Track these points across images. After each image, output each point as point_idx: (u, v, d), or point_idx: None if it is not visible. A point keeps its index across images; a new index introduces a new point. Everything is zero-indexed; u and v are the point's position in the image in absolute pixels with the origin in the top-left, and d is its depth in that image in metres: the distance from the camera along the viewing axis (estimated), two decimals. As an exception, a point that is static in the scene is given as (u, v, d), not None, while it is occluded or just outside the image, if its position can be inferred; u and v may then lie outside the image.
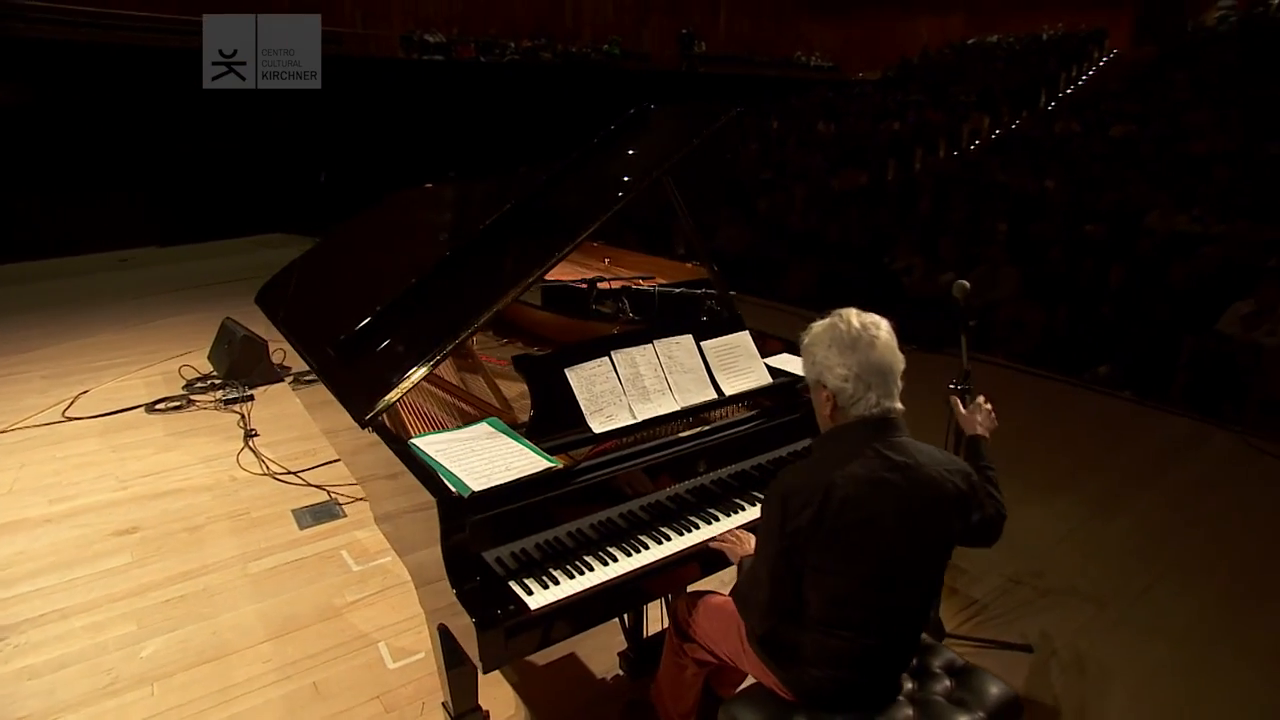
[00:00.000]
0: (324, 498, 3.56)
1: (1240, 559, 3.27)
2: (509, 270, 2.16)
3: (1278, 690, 2.48)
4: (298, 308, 2.93)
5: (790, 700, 1.58)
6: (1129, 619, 2.83)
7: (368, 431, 1.92)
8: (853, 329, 1.48)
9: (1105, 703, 2.39)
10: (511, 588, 1.66)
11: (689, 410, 2.14)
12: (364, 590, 2.87)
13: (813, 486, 1.40)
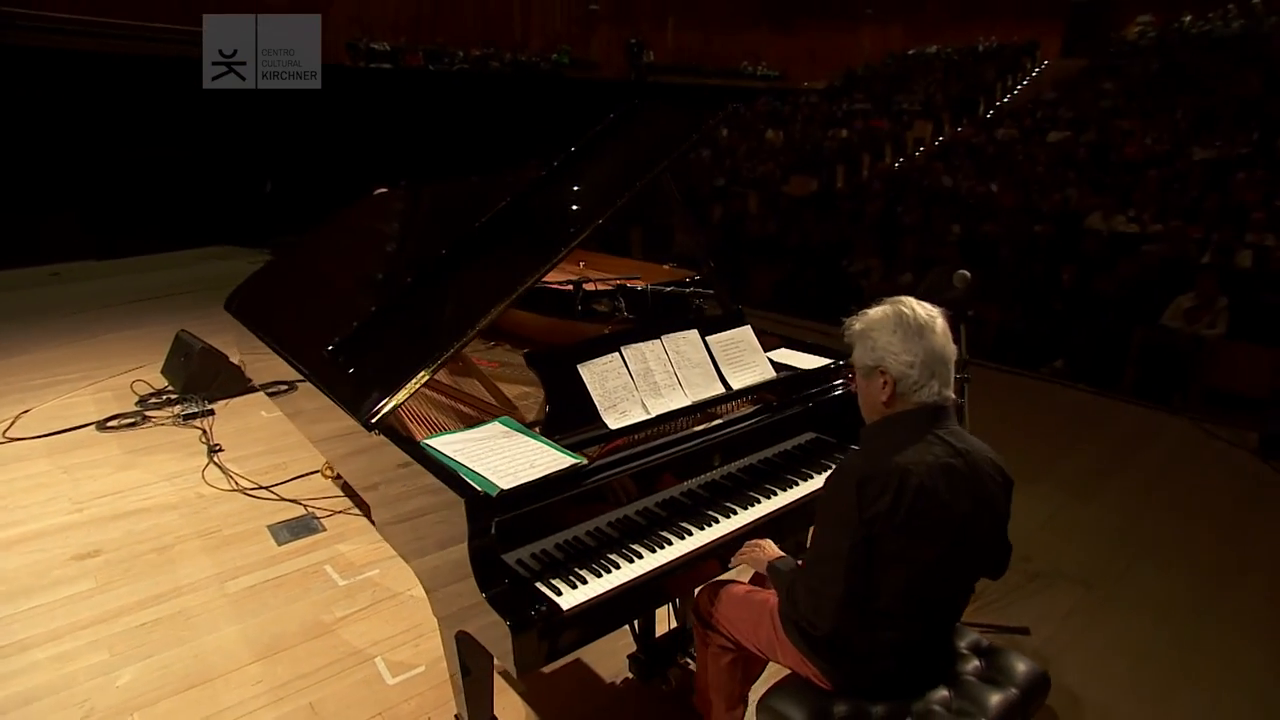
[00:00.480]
0: (300, 512, 3.42)
1: (1209, 535, 3.41)
2: (512, 269, 2.10)
3: (1264, 656, 2.58)
4: (279, 312, 2.81)
5: (829, 690, 1.57)
6: (1115, 597, 2.92)
7: (374, 435, 1.85)
8: (918, 316, 1.46)
9: (1104, 680, 2.45)
10: (539, 589, 1.60)
11: (699, 405, 2.12)
12: (353, 605, 2.75)
13: (886, 472, 1.39)
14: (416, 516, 1.80)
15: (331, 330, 2.22)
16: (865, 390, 1.54)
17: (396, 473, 1.85)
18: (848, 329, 1.55)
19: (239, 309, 3.06)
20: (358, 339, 2.15)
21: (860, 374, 1.54)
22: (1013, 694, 1.62)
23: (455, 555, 1.61)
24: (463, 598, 1.62)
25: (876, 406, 1.52)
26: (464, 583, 1.59)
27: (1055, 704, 2.25)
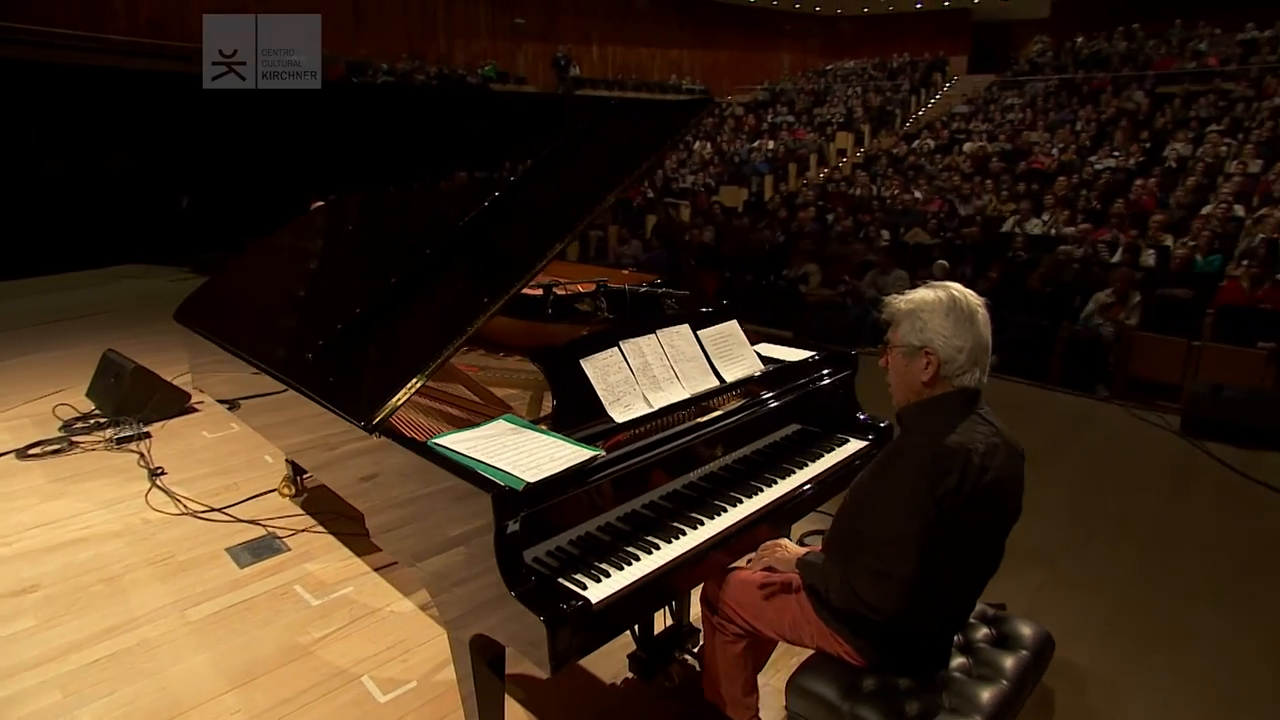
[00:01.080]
0: (260, 533, 3.25)
1: (1150, 508, 3.65)
2: (504, 266, 2.06)
3: (1224, 624, 2.75)
4: (243, 322, 2.69)
5: (859, 665, 1.59)
6: (1078, 570, 3.08)
7: (375, 437, 1.78)
8: (970, 304, 1.50)
9: (1082, 644, 2.56)
10: (564, 585, 1.57)
11: (698, 398, 2.12)
12: (330, 625, 2.63)
13: (952, 452, 1.42)
14: (421, 518, 1.74)
15: (309, 337, 2.13)
16: (905, 368, 1.55)
17: (397, 475, 1.78)
18: (891, 306, 1.57)
19: (195, 321, 2.90)
20: (342, 344, 2.07)
21: (902, 351, 1.55)
22: (1024, 655, 1.69)
23: (473, 554, 1.56)
24: (481, 598, 1.57)
25: (914, 385, 1.54)
26: (481, 582, 1.55)
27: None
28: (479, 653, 1.73)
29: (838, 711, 1.52)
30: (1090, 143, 12.43)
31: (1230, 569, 3.15)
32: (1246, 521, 3.58)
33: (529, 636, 1.47)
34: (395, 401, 1.78)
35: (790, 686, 1.61)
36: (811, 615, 1.65)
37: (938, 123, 16.07)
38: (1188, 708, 2.33)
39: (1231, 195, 8.81)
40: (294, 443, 2.42)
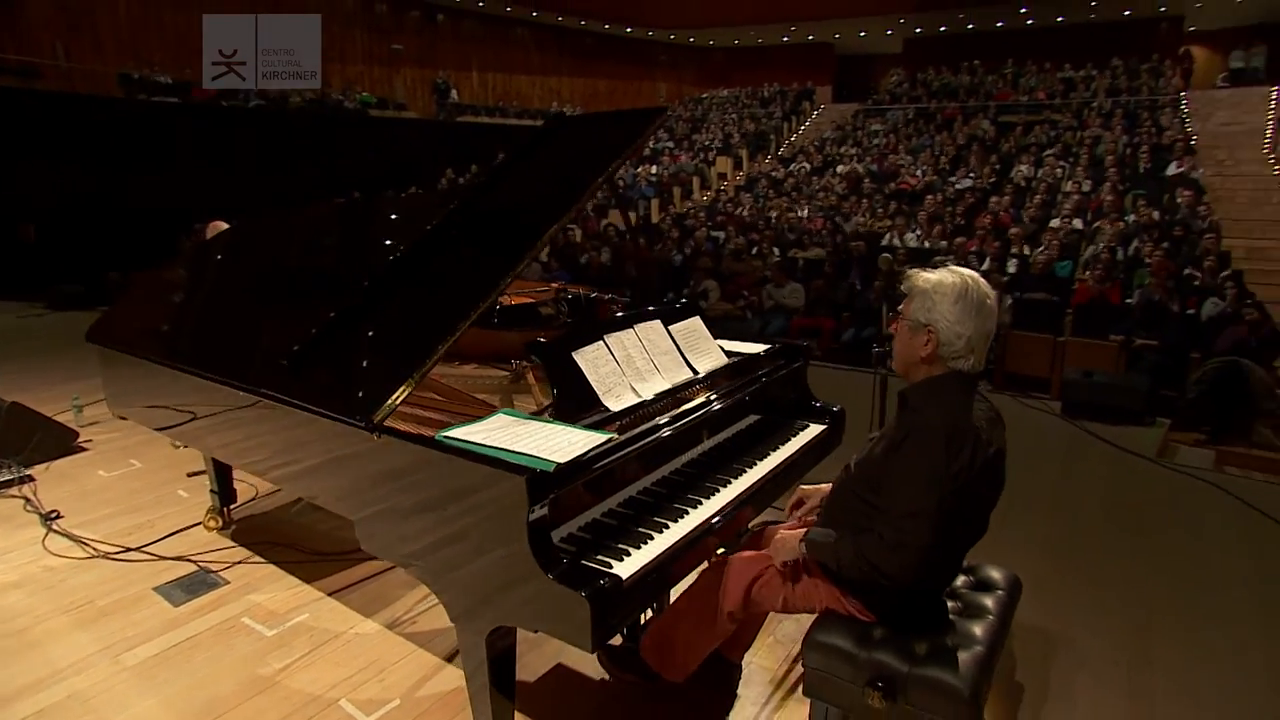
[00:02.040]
0: (191, 568, 3.02)
1: (1053, 478, 4.03)
2: (479, 272, 2.04)
3: (1126, 569, 3.10)
4: (186, 337, 2.51)
5: (869, 620, 1.69)
6: (1008, 539, 3.27)
7: (375, 437, 1.74)
8: (980, 294, 1.61)
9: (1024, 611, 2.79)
10: (589, 565, 1.59)
11: (677, 388, 2.19)
12: (291, 653, 2.48)
13: (963, 428, 1.55)
14: (431, 513, 1.71)
15: (279, 346, 2.05)
16: (908, 340, 1.68)
17: (401, 473, 1.74)
18: (911, 280, 1.69)
19: (118, 341, 2.68)
20: (319, 350, 2.00)
21: (909, 325, 1.67)
22: (1001, 595, 1.87)
23: (498, 542, 1.56)
24: (506, 586, 1.57)
25: (913, 357, 1.67)
26: (507, 569, 1.56)
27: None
28: (493, 646, 1.71)
29: (854, 659, 1.62)
30: (949, 165, 13.56)
31: (1125, 525, 3.57)
32: (1128, 484, 4.05)
33: (568, 616, 1.48)
34: (394, 400, 1.75)
35: (807, 643, 1.69)
36: (821, 578, 1.74)
37: (810, 147, 17.02)
38: (1113, 640, 2.59)
39: (1071, 211, 9.86)
40: (261, 457, 2.29)
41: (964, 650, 1.62)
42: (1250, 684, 2.44)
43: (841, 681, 1.64)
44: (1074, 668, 2.48)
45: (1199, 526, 3.71)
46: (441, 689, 2.29)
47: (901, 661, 1.59)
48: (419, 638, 2.55)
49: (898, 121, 16.99)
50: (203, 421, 2.46)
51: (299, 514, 3.52)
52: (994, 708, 2.13)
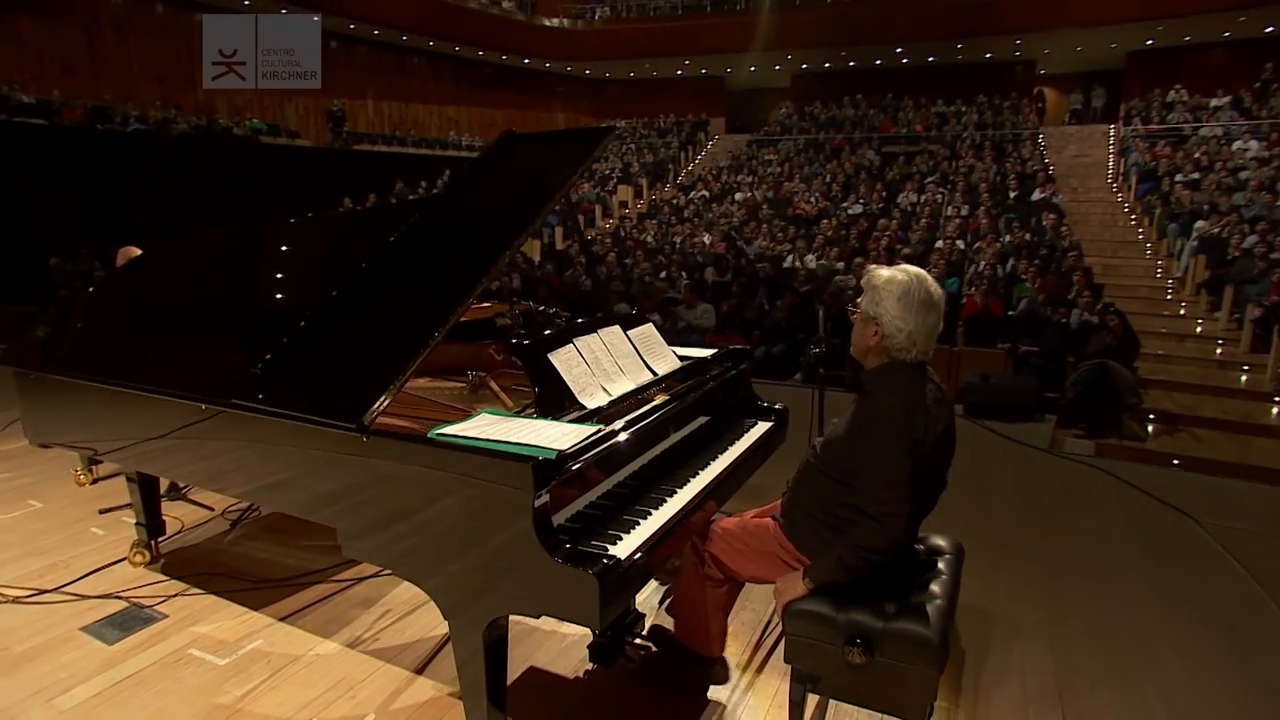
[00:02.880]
0: (120, 605, 2.85)
1: (961, 474, 4.34)
2: (449, 283, 2.09)
3: (1038, 542, 3.42)
4: (138, 356, 2.41)
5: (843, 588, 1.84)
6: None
7: (364, 439, 1.76)
8: (930, 294, 1.78)
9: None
10: (586, 550, 1.67)
11: (641, 388, 2.30)
12: (250, 679, 2.39)
13: (913, 407, 1.73)
14: (425, 511, 1.74)
15: (244, 357, 2.02)
16: (860, 330, 1.87)
17: (390, 474, 1.77)
18: (869, 274, 1.87)
19: (44, 362, 2.53)
20: (291, 360, 1.99)
21: (861, 316, 1.86)
22: (950, 558, 2.08)
23: (500, 532, 1.61)
24: (509, 574, 1.63)
25: (864, 345, 1.87)
26: (510, 557, 1.61)
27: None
28: (488, 637, 1.75)
29: (833, 621, 1.76)
30: (840, 192, 14.38)
31: (1030, 505, 3.96)
32: (1027, 471, 4.46)
33: (575, 597, 1.55)
34: (381, 403, 1.78)
35: (788, 612, 1.82)
36: (803, 560, 1.89)
37: (708, 175, 17.64)
38: (1031, 600, 2.87)
39: (954, 233, 10.68)
40: (226, 473, 2.22)
41: (928, 605, 1.79)
42: (1146, 626, 2.79)
43: (822, 643, 1.77)
44: (1002, 627, 2.73)
45: (1089, 502, 4.18)
46: (417, 700, 2.27)
47: (876, 619, 1.74)
48: (385, 654, 2.52)
49: (789, 151, 17.88)
50: (156, 443, 2.36)
51: (234, 543, 3.38)
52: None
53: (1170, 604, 2.99)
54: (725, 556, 2.05)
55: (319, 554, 3.21)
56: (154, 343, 2.48)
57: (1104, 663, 2.55)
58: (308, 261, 2.47)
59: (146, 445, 2.39)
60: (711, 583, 2.09)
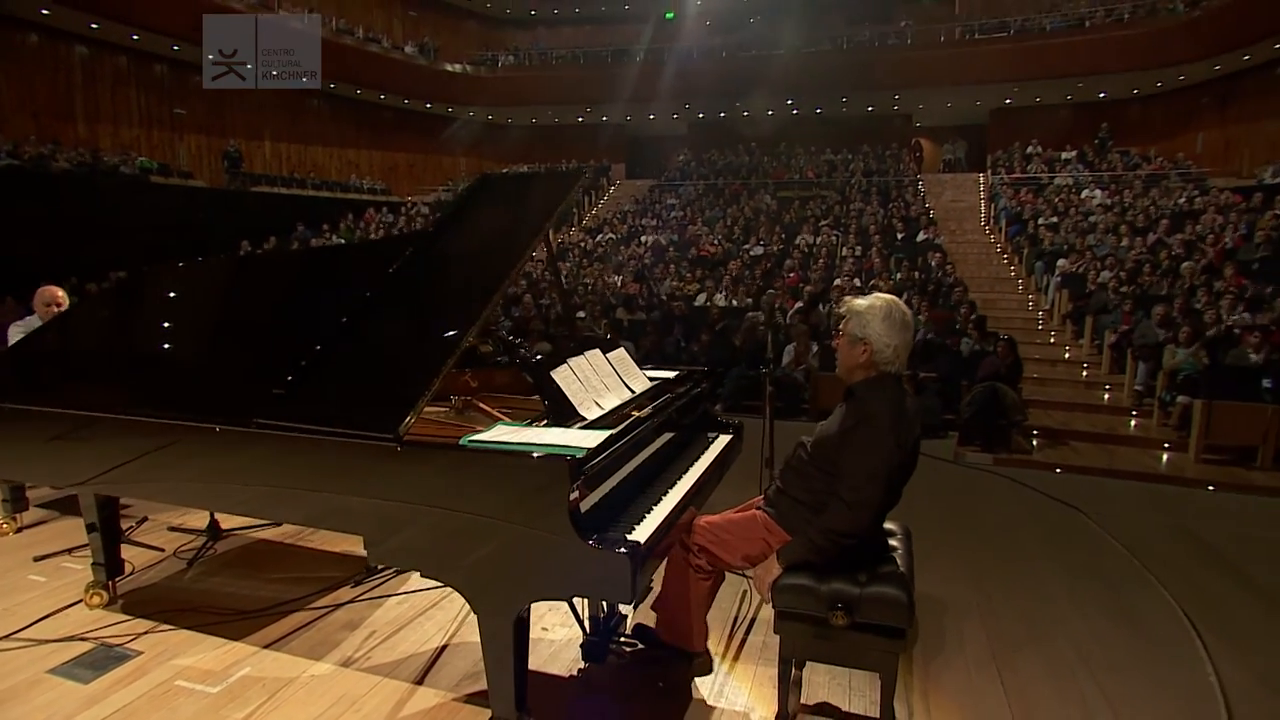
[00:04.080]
0: (86, 646, 2.78)
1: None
2: (452, 312, 2.28)
3: (972, 544, 3.83)
4: (126, 386, 2.44)
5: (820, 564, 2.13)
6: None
7: (398, 449, 1.92)
8: (905, 315, 2.12)
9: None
10: (611, 535, 1.88)
11: (625, 404, 2.55)
12: (249, 703, 2.42)
13: (898, 412, 2.05)
14: (454, 511, 1.90)
15: (263, 378, 2.13)
16: (849, 350, 2.16)
17: (423, 480, 1.93)
18: (848, 303, 2.18)
19: (14, 397, 2.50)
20: (308, 382, 2.12)
21: (847, 338, 2.16)
22: (902, 538, 2.41)
23: (536, 524, 1.81)
24: (543, 562, 1.82)
25: (852, 363, 2.16)
26: (545, 547, 1.81)
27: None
28: (517, 624, 1.92)
29: (816, 592, 2.04)
30: (741, 234, 15.15)
31: (947, 507, 4.41)
32: (940, 480, 4.96)
33: (609, 576, 1.77)
34: (412, 417, 1.94)
35: (776, 587, 2.08)
36: (782, 536, 2.16)
37: (614, 219, 18.16)
38: (962, 585, 3.25)
39: (850, 272, 11.50)
40: (242, 496, 2.28)
41: (894, 573, 2.10)
42: (1053, 596, 3.26)
43: (808, 610, 2.04)
44: (938, 606, 3.09)
45: (994, 502, 4.77)
46: (423, 707, 2.38)
47: (853, 586, 2.03)
48: (381, 669, 2.60)
49: (690, 196, 18.69)
50: (158, 468, 2.38)
51: (195, 580, 3.34)
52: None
53: (1069, 577, 3.50)
54: (714, 547, 2.29)
55: (289, 585, 3.24)
56: (162, 369, 2.51)
57: (1025, 628, 2.95)
58: (312, 290, 2.58)
59: (145, 471, 2.41)
60: (700, 575, 2.32)
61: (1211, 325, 7.70)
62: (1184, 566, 3.74)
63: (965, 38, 18.78)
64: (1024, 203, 14.13)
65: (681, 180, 20.41)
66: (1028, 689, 2.54)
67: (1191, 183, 14.09)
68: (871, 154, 19.08)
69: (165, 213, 14.31)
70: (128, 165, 14.80)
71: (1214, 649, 2.85)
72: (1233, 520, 4.66)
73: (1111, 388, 8.16)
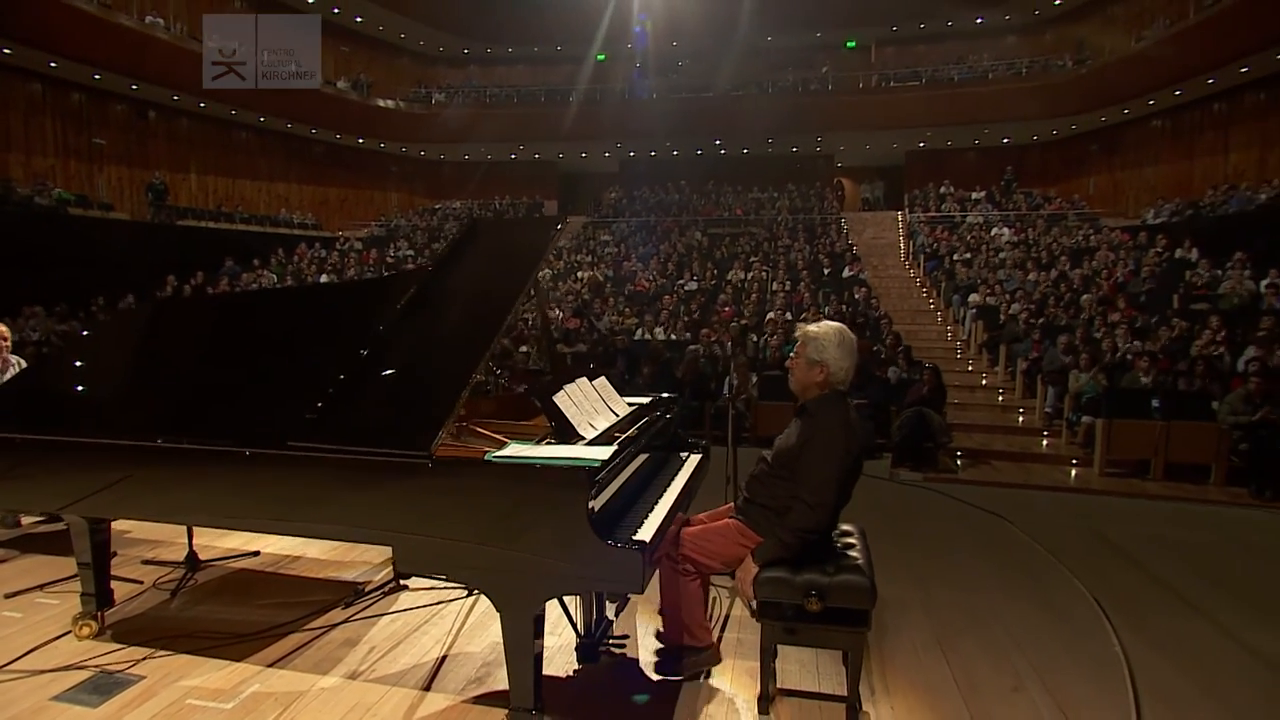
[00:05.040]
0: (87, 674, 2.84)
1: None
2: (462, 344, 2.54)
3: (911, 549, 4.22)
4: (148, 413, 2.58)
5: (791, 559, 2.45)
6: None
7: (429, 465, 2.15)
8: (852, 338, 2.49)
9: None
10: (618, 536, 2.16)
11: (612, 427, 2.83)
12: (264, 716, 2.53)
13: (848, 424, 2.40)
14: (478, 522, 2.14)
15: (294, 403, 2.33)
16: (806, 372, 2.51)
17: (454, 493, 2.16)
18: (803, 330, 2.53)
19: (30, 427, 2.60)
20: (337, 407, 2.33)
21: (805, 361, 2.50)
22: (857, 533, 2.75)
23: (560, 526, 2.07)
24: (565, 560, 2.08)
25: (809, 383, 2.51)
26: (568, 547, 2.07)
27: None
28: (535, 620, 2.17)
29: (791, 583, 2.35)
30: (675, 270, 15.67)
31: (887, 517, 4.77)
32: (879, 495, 5.39)
33: (622, 570, 2.05)
34: (441, 435, 2.18)
35: (757, 581, 2.39)
36: (755, 538, 2.48)
37: (549, 254, 18.45)
38: (905, 585, 3.62)
39: (782, 306, 12.10)
40: (276, 514, 2.44)
41: (856, 559, 2.44)
42: (986, 590, 3.69)
43: (785, 600, 2.35)
44: (885, 605, 3.42)
45: (928, 512, 5.27)
46: (435, 709, 2.57)
47: (823, 576, 2.36)
48: (388, 679, 2.77)
49: (624, 232, 19.18)
50: (178, 490, 2.52)
51: (182, 609, 3.41)
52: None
53: (998, 573, 3.98)
54: (698, 555, 2.57)
55: (279, 610, 3.35)
56: (198, 398, 2.65)
57: (964, 617, 3.35)
58: (328, 323, 2.77)
59: (166, 492, 2.55)
60: (688, 578, 2.60)
61: (1108, 352, 8.51)
62: (1092, 561, 4.25)
63: (881, 85, 20.16)
64: (939, 240, 15.16)
65: (615, 217, 20.91)
66: (969, 665, 2.92)
67: (1087, 222, 15.44)
68: (796, 193, 20.04)
69: (84, 246, 13.85)
70: (43, 196, 14.27)
71: (1118, 624, 3.33)
72: (1132, 522, 5.25)
73: (1025, 410, 8.88)
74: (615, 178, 24.60)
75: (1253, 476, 6.36)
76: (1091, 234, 14.40)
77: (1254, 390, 6.78)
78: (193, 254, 15.82)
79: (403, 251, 19.81)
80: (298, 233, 20.22)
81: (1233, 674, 2.99)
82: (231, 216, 18.98)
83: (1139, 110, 16.73)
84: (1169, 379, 7.62)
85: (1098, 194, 18.18)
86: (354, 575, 3.75)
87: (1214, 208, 13.35)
